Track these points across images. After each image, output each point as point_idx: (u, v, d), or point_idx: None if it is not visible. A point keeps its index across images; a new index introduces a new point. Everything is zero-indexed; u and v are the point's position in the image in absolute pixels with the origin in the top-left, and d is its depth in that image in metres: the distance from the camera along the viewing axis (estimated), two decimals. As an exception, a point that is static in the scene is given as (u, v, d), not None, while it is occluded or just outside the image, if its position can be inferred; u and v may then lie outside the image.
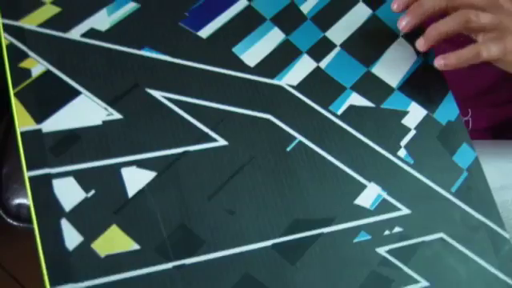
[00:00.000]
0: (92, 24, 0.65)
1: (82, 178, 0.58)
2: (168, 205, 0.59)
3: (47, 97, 0.60)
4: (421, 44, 0.70)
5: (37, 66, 0.61)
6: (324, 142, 0.66)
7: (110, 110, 0.61)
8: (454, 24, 0.69)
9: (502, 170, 0.81)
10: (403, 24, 0.70)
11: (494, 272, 0.65)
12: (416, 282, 0.63)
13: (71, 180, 0.58)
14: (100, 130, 0.60)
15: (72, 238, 0.56)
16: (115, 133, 0.61)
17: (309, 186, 0.64)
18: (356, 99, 0.68)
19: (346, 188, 0.65)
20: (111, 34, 0.65)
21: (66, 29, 0.64)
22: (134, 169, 0.60)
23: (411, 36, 0.73)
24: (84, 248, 0.56)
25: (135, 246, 0.57)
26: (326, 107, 0.67)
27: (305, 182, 0.64)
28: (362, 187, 0.65)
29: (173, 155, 0.61)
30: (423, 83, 0.71)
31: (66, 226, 0.56)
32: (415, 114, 0.70)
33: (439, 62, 0.69)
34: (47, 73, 0.61)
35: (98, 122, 0.61)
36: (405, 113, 0.69)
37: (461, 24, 0.69)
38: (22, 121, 0.59)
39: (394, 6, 0.71)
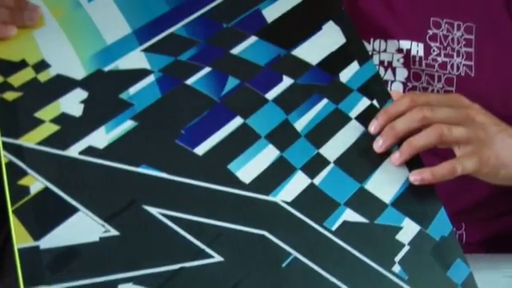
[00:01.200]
0: (90, 142, 0.67)
1: None
2: None
3: (45, 214, 0.61)
4: (395, 158, 0.72)
5: (35, 184, 0.62)
6: (319, 258, 0.66)
7: (107, 226, 0.62)
8: (427, 139, 0.72)
9: (496, 284, 0.81)
10: (378, 145, 0.73)
11: None
12: None
13: None
14: (97, 247, 0.61)
15: None
16: (112, 249, 0.61)
17: None
18: (350, 215, 0.69)
19: None
20: (109, 152, 0.66)
21: (65, 146, 0.66)
22: (130, 286, 0.60)
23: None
24: None
25: None
26: (320, 223, 0.68)
27: None
28: (358, 303, 0.65)
29: (169, 272, 0.61)
30: (416, 199, 0.72)
31: None
32: (409, 229, 0.70)
33: (415, 178, 0.71)
34: (46, 190, 0.62)
35: (95, 238, 0.61)
36: (398, 228, 0.70)
37: (434, 139, 0.72)
38: (20, 238, 0.59)
39: (371, 129, 0.74)
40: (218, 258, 0.63)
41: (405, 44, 0.88)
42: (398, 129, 0.72)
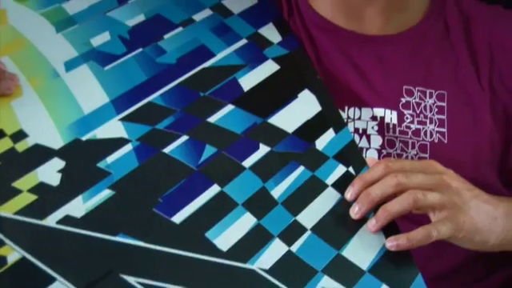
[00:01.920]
0: (67, 211, 0.67)
1: None
2: None
3: (23, 284, 0.60)
4: (372, 225, 0.73)
5: (12, 254, 0.62)
6: None
7: None
8: (402, 205, 0.72)
9: None
10: (355, 212, 0.73)
11: None
12: None
13: None
14: None
15: None
16: None
17: None
18: (328, 282, 0.69)
19: None
20: (86, 221, 0.66)
21: (42, 216, 0.65)
22: None
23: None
24: None
25: None
26: None
27: None
28: None
29: None
30: (393, 265, 0.72)
31: None
32: (386, 296, 0.70)
33: (391, 244, 0.71)
34: (23, 260, 0.62)
35: None
36: None
37: (409, 205, 0.72)
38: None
39: (348, 195, 0.75)
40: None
41: (379, 112, 0.89)
42: (373, 195, 0.73)
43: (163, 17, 0.86)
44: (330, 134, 0.80)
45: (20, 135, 0.71)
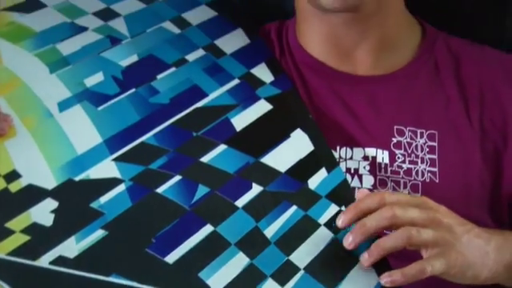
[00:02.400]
0: (60, 251, 0.66)
1: None
2: None
3: None
4: (364, 259, 0.73)
5: None
6: None
7: None
8: (396, 241, 0.73)
9: None
10: (348, 242, 0.74)
11: None
12: None
13: None
14: None
15: None
16: None
17: None
18: None
19: None
20: (79, 261, 0.66)
21: (35, 257, 0.65)
22: None
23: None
24: None
25: None
26: None
27: None
28: None
29: None
30: None
31: None
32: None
33: (386, 280, 0.72)
34: None
35: None
36: None
37: (403, 241, 0.73)
38: None
39: (339, 222, 0.75)
40: None
41: (370, 151, 0.90)
42: (368, 226, 0.73)
43: (156, 57, 0.87)
44: (322, 173, 0.81)
45: (13, 175, 0.72)
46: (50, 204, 0.70)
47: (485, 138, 0.91)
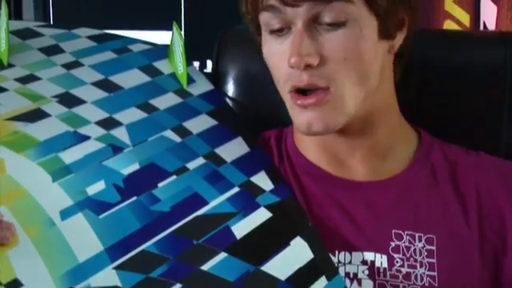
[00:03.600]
0: None
1: None
2: None
3: None
4: None
5: None
6: None
7: None
8: None
9: None
10: None
11: None
12: None
13: None
14: None
15: None
16: None
17: None
18: None
19: None
20: None
21: None
22: None
23: None
24: None
25: None
26: None
27: None
28: None
29: None
30: None
31: None
32: None
33: None
34: None
35: None
36: None
37: None
38: None
39: None
40: None
41: (369, 256, 0.90)
42: None
43: (157, 165, 0.88)
44: (322, 281, 0.81)
45: (15, 284, 0.72)
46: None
47: (483, 242, 0.92)
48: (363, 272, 0.90)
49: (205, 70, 1.69)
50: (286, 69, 0.88)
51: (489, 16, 1.60)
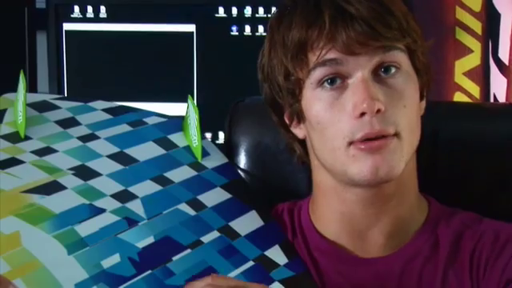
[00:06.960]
0: None
1: None
2: None
3: None
4: None
5: None
6: None
7: None
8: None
9: None
10: None
11: None
12: None
13: None
14: None
15: None
16: None
17: None
18: None
19: None
20: None
21: None
22: None
23: None
24: None
25: None
26: None
27: None
28: None
29: None
30: None
31: None
32: None
33: None
34: None
35: None
36: None
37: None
38: None
39: None
40: None
41: None
42: None
43: (172, 238, 0.89)
44: None
45: None
46: None
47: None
48: None
49: (217, 142, 1.70)
50: (349, 121, 0.87)
51: (498, 88, 1.61)
